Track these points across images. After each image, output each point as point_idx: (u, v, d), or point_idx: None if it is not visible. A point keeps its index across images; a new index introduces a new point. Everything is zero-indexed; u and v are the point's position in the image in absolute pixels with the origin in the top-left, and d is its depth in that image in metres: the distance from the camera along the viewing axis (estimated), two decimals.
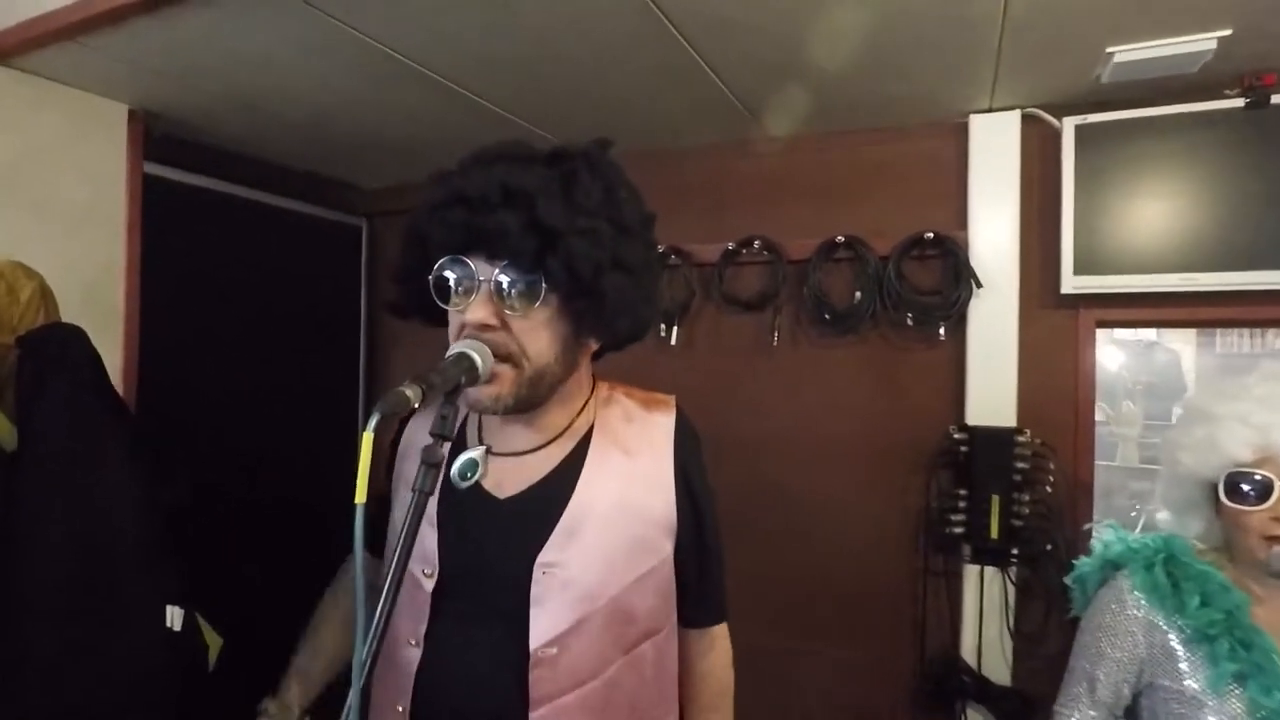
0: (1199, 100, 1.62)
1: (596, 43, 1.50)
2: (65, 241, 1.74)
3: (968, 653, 1.83)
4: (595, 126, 2.04)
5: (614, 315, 0.88)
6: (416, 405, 0.72)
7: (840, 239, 1.96)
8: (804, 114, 1.91)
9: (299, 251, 2.47)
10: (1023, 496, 1.76)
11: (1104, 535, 1.27)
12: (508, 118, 1.92)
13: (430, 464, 0.76)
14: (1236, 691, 1.06)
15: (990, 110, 1.84)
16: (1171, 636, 1.12)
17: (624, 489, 0.95)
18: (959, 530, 1.81)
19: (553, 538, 0.91)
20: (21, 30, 1.48)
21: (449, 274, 0.87)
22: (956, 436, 1.83)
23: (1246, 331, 4.24)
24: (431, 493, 0.76)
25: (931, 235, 1.87)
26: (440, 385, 0.76)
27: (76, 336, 1.28)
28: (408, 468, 0.99)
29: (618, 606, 0.92)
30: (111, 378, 1.81)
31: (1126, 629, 1.16)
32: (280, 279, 2.40)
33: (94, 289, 1.79)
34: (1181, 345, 4.33)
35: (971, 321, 1.86)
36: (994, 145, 1.84)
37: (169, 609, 1.32)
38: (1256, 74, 1.57)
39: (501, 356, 0.86)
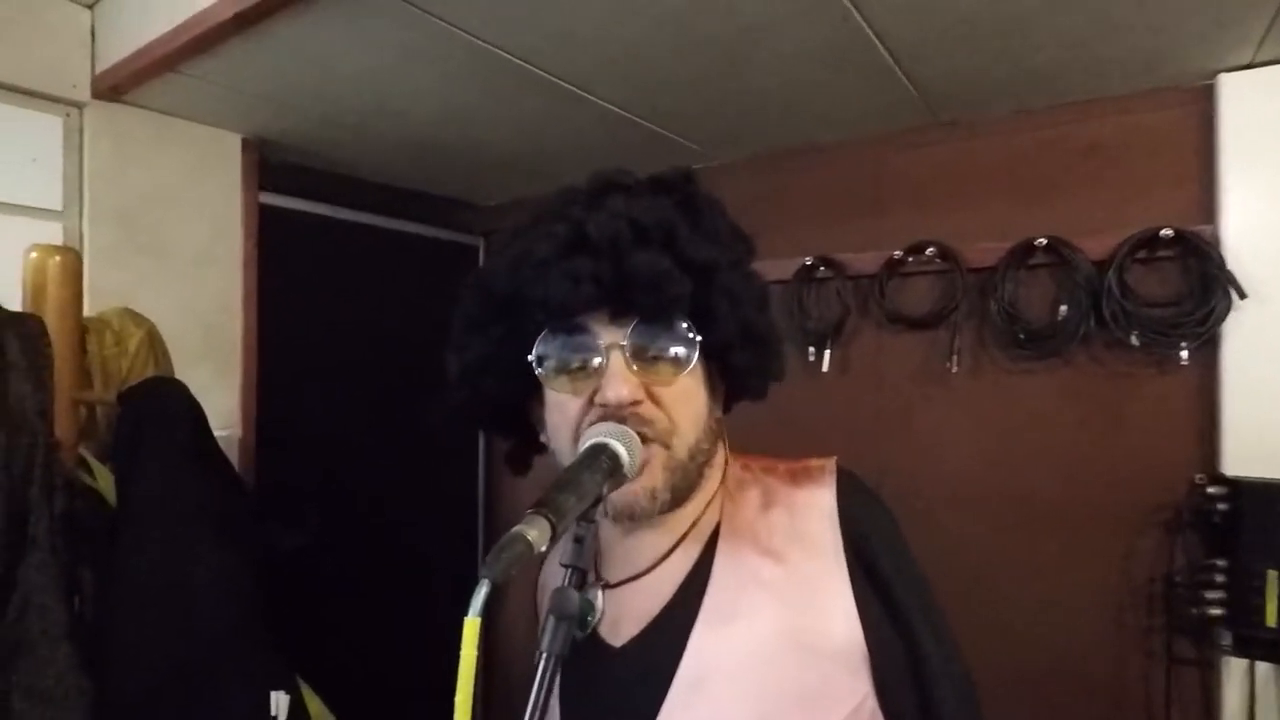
0: None
1: (749, 19, 1.23)
2: (183, 281, 1.68)
3: None
4: (735, 126, 1.77)
5: (772, 359, 0.75)
6: (544, 549, 0.49)
7: (1040, 241, 1.58)
8: (988, 89, 1.55)
9: (415, 274, 2.37)
10: None
11: None
12: (637, 121, 1.69)
13: (563, 616, 0.52)
14: None
15: (1252, 66, 1.41)
16: None
17: (774, 613, 0.67)
18: (1216, 611, 1.39)
19: (671, 696, 0.65)
20: (126, 65, 1.41)
21: (564, 345, 0.66)
22: (1211, 491, 1.41)
23: None
24: (565, 655, 0.53)
25: (1170, 232, 1.46)
26: (576, 508, 0.53)
27: (173, 393, 1.16)
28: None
29: None
30: (230, 417, 1.78)
31: None
32: (397, 303, 2.31)
33: (212, 328, 1.73)
34: None
35: (1229, 341, 1.43)
36: (1256, 112, 1.41)
37: (273, 696, 1.18)
38: None
39: (647, 437, 0.64)
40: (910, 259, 1.75)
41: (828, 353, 1.86)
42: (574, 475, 0.56)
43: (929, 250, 1.71)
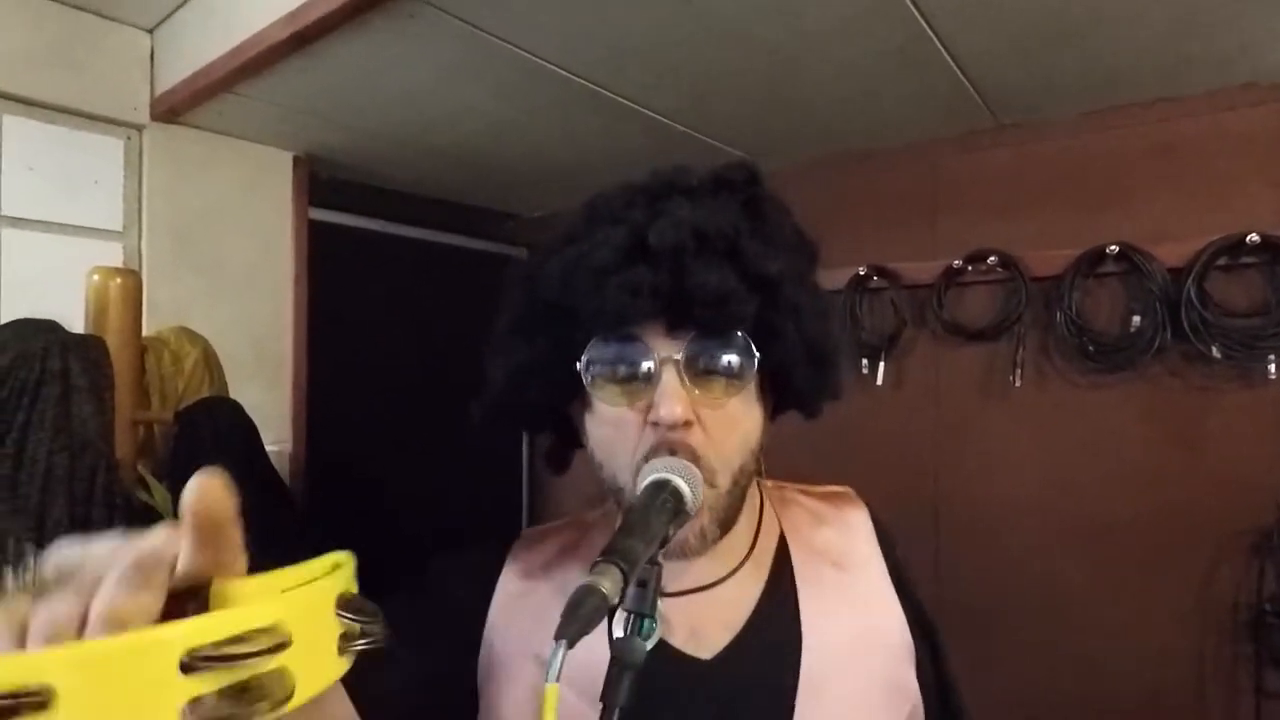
0: None
1: (810, 25, 1.19)
2: (235, 298, 1.71)
3: None
4: (787, 132, 1.73)
5: (833, 376, 0.69)
6: (617, 601, 0.45)
7: (1111, 248, 1.51)
8: (1055, 91, 1.48)
9: (460, 286, 2.38)
10: None
11: None
12: (687, 132, 1.67)
13: (628, 666, 0.49)
14: None
15: None
16: None
17: (854, 616, 0.70)
18: None
19: (799, 704, 0.64)
20: (185, 87, 1.43)
21: (615, 355, 0.61)
22: None
23: None
24: (629, 707, 0.49)
25: (1256, 238, 1.37)
26: (644, 554, 0.49)
27: (227, 411, 1.17)
28: (523, 624, 0.69)
29: None
30: (282, 432, 1.80)
31: None
32: (443, 316, 2.32)
33: (263, 344, 1.75)
34: None
35: None
36: None
37: None
38: None
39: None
40: (970, 268, 1.69)
41: (882, 365, 1.80)
42: (640, 517, 0.52)
43: (990, 259, 1.65)
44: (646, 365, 0.60)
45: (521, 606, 0.69)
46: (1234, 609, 1.42)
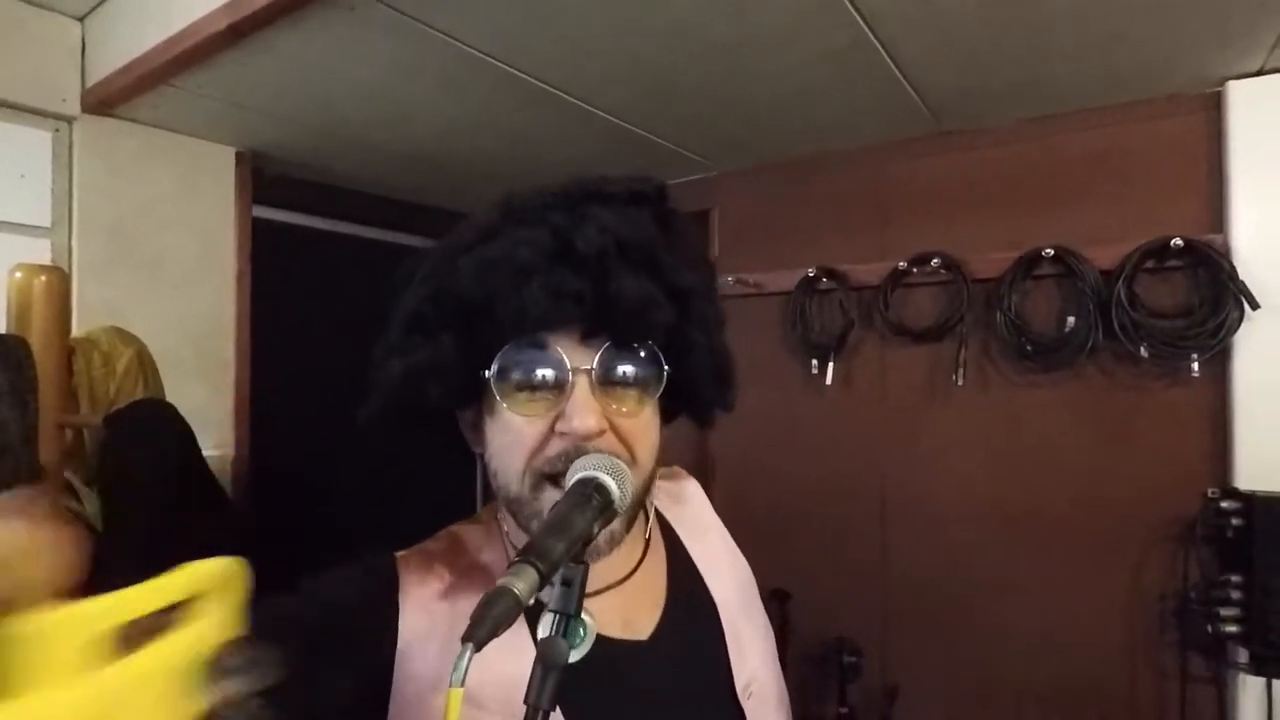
0: None
1: (756, 28, 1.21)
2: (174, 297, 1.65)
3: None
4: (739, 136, 1.75)
5: (731, 390, 0.72)
6: (532, 602, 0.45)
7: (1047, 251, 1.56)
8: (994, 99, 1.53)
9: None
10: None
11: None
12: (640, 133, 1.67)
13: (552, 665, 0.48)
14: None
15: (1261, 73, 1.39)
16: None
17: (733, 571, 0.81)
18: (1233, 629, 1.37)
19: (733, 652, 0.72)
20: (118, 78, 1.38)
21: (527, 362, 0.60)
22: (1224, 506, 1.38)
23: None
24: (552, 709, 0.49)
25: (1180, 242, 1.43)
26: (565, 554, 0.49)
27: (160, 416, 1.13)
28: (430, 660, 0.62)
29: (784, 695, 0.78)
30: (223, 436, 1.74)
31: None
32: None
33: (203, 344, 1.70)
34: None
35: (1241, 353, 1.41)
36: (1266, 119, 1.39)
37: None
38: None
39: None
40: (914, 270, 1.73)
41: (830, 365, 1.83)
42: (562, 516, 0.51)
43: (934, 261, 1.69)
44: (559, 375, 0.60)
45: (427, 641, 0.63)
46: (1162, 598, 1.48)
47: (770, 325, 1.95)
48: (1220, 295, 1.41)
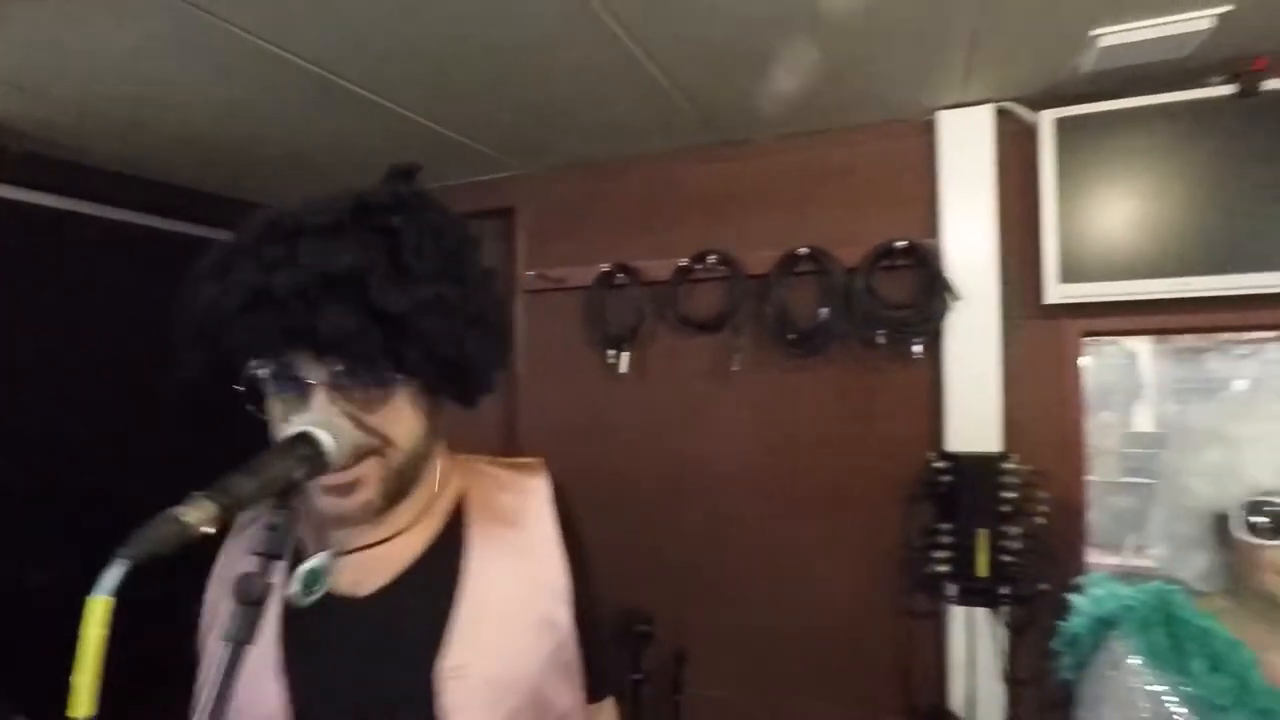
0: (1182, 89, 1.48)
1: (523, 31, 1.28)
2: None
3: (958, 703, 1.65)
4: (533, 136, 1.82)
5: (482, 378, 0.77)
6: (212, 531, 0.49)
7: (803, 250, 1.77)
8: (758, 116, 1.72)
9: (182, 276, 2.18)
10: (1012, 529, 1.58)
11: (1094, 589, 1.11)
12: (428, 126, 1.70)
13: (249, 602, 0.53)
14: None
15: (960, 105, 1.67)
16: (1176, 707, 0.96)
17: (518, 564, 0.82)
18: (943, 569, 1.63)
19: (456, 633, 0.74)
20: None
21: (270, 377, 0.69)
22: (937, 465, 1.65)
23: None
24: (249, 642, 0.54)
25: (904, 244, 1.69)
26: (257, 493, 0.54)
27: None
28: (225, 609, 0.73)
29: (538, 696, 0.79)
30: None
31: (1127, 699, 0.99)
32: (158, 307, 2.10)
33: None
34: (1136, 342, 4.20)
35: (949, 338, 1.68)
36: (965, 143, 1.68)
37: None
38: (1246, 59, 1.43)
39: (362, 453, 0.69)
40: (697, 267, 1.89)
41: (626, 355, 1.96)
42: (259, 461, 0.57)
43: (710, 258, 1.86)
44: (299, 387, 0.67)
45: (213, 580, 0.80)
46: (894, 548, 1.73)
47: (571, 318, 2.05)
48: (934, 289, 1.67)
